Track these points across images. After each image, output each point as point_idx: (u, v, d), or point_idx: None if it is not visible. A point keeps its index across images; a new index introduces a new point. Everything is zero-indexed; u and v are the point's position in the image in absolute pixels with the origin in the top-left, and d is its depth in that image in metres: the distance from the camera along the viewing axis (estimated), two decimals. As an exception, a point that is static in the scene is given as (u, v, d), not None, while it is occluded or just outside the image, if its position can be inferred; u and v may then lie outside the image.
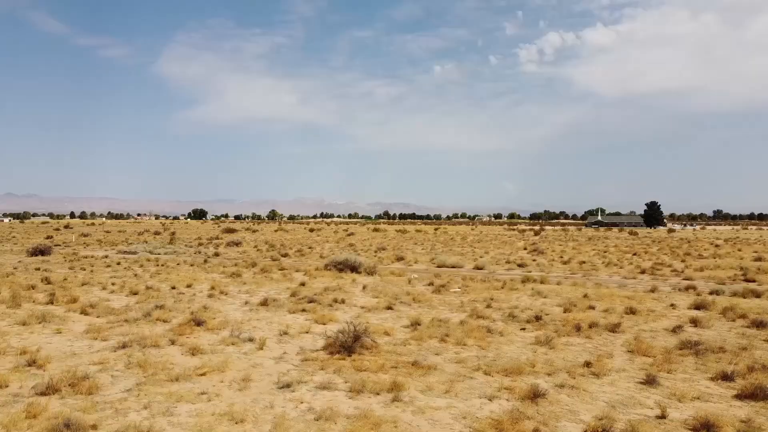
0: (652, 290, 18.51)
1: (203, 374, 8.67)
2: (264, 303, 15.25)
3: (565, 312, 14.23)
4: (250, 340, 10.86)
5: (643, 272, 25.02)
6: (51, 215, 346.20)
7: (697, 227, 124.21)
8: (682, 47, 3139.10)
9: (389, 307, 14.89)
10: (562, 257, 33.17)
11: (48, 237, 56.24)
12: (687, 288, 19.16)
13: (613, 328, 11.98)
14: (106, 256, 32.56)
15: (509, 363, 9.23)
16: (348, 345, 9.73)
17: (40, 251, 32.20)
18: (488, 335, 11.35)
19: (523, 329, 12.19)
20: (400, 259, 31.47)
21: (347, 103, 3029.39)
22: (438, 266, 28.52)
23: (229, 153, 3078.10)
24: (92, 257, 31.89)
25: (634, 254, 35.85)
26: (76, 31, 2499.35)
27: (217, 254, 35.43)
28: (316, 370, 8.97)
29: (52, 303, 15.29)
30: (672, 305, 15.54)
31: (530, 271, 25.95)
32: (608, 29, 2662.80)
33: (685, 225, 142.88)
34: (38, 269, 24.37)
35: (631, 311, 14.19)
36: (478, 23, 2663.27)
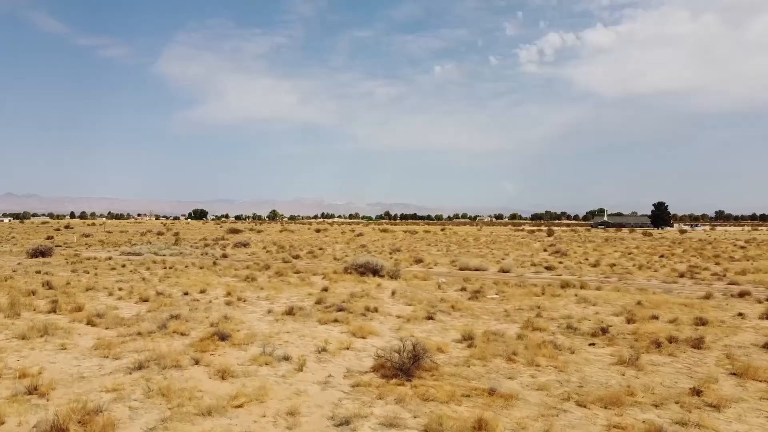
0: (707, 297, 17.03)
1: (240, 405, 7.18)
2: (290, 312, 13.75)
3: (628, 323, 12.75)
4: (286, 358, 9.38)
5: (681, 276, 23.54)
6: (51, 215, 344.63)
7: (706, 228, 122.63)
8: (682, 47, 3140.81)
9: (429, 317, 13.39)
10: (587, 259, 31.69)
11: (48, 237, 54.75)
12: (741, 294, 17.68)
13: (696, 344, 10.50)
14: (110, 258, 31.07)
15: (601, 390, 7.76)
16: (406, 367, 8.24)
17: (40, 252, 30.72)
18: (557, 352, 9.86)
19: (592, 344, 10.70)
20: (418, 261, 29.99)
21: (347, 103, 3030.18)
22: (460, 269, 27.05)
23: (228, 153, 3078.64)
24: (95, 259, 30.40)
25: (661, 256, 34.37)
26: (76, 31, 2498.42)
27: (225, 256, 33.94)
28: (373, 400, 7.49)
29: (54, 311, 13.81)
30: (740, 314, 14.06)
31: (560, 275, 24.50)
32: (608, 30, 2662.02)
33: (692, 225, 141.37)
34: (39, 272, 22.88)
35: (701, 322, 12.70)
36: (478, 23, 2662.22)
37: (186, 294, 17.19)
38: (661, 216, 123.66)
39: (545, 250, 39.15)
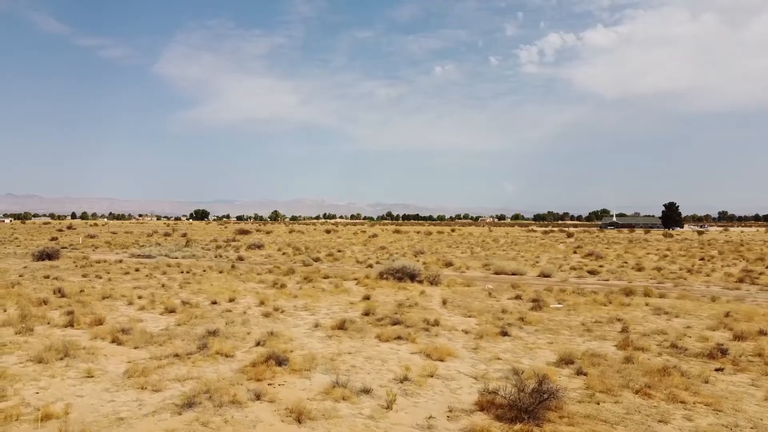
0: (794, 306, 15.30)
1: (336, 465, 5.47)
2: (341, 326, 12.02)
3: (737, 339, 11.03)
4: (366, 391, 7.66)
5: (740, 281, 21.80)
6: (52, 216, 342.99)
7: (719, 229, 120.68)
8: (682, 48, 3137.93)
9: (504, 333, 11.66)
10: (625, 263, 29.94)
11: (53, 239, 53.01)
12: (826, 303, 15.96)
13: None
14: (121, 261, 29.35)
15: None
16: (530, 408, 6.52)
17: (47, 255, 28.99)
18: (689, 382, 8.13)
19: (719, 369, 8.97)
20: (448, 264, 28.25)
21: (347, 104, 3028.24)
22: (496, 273, 25.34)
23: (228, 154, 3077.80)
24: (105, 262, 28.68)
25: (701, 259, 32.62)
26: (76, 31, 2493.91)
27: (241, 258, 32.22)
28: (504, 455, 5.78)
29: (72, 325, 12.09)
30: None
31: (607, 280, 22.82)
32: (609, 30, 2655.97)
33: (701, 226, 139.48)
34: (47, 277, 21.17)
35: (821, 339, 10.98)
36: (478, 24, 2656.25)
37: (214, 303, 15.48)
38: (672, 216, 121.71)
39: (575, 253, 37.40)
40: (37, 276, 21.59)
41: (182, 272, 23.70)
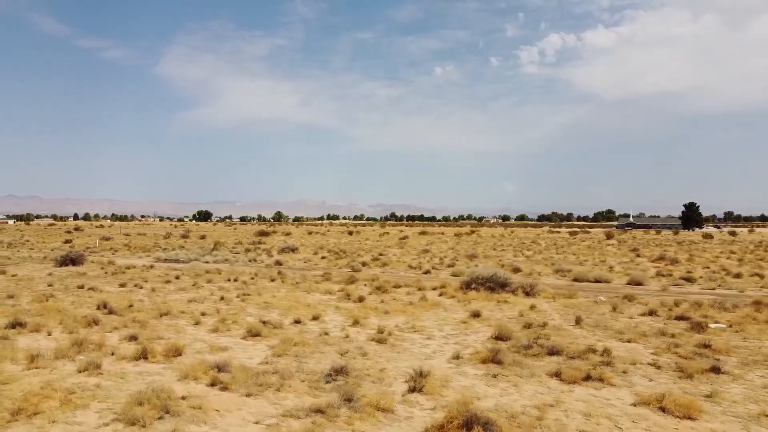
0: None
1: None
2: (492, 358, 9.31)
3: None
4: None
5: None
6: (54, 217, 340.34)
7: (742, 230, 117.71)
8: (682, 48, 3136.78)
9: (715, 369, 8.94)
10: (707, 267, 27.25)
11: (66, 241, 50.31)
12: None
13: None
14: (152, 266, 26.66)
15: None
16: None
17: (70, 260, 26.31)
18: None
19: None
20: (516, 270, 25.53)
21: (348, 105, 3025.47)
22: (575, 280, 22.66)
23: (229, 154, 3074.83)
24: (134, 267, 25.99)
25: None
26: (76, 32, 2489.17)
27: (279, 263, 29.53)
28: None
29: (145, 357, 9.39)
30: None
31: (713, 288, 20.13)
32: (609, 30, 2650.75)
33: (717, 227, 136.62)
34: (81, 287, 18.46)
35: None
36: (478, 25, 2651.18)
37: (298, 322, 12.80)
38: (692, 217, 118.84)
39: (638, 256, 34.68)
40: (69, 286, 18.89)
41: (228, 280, 21.01)
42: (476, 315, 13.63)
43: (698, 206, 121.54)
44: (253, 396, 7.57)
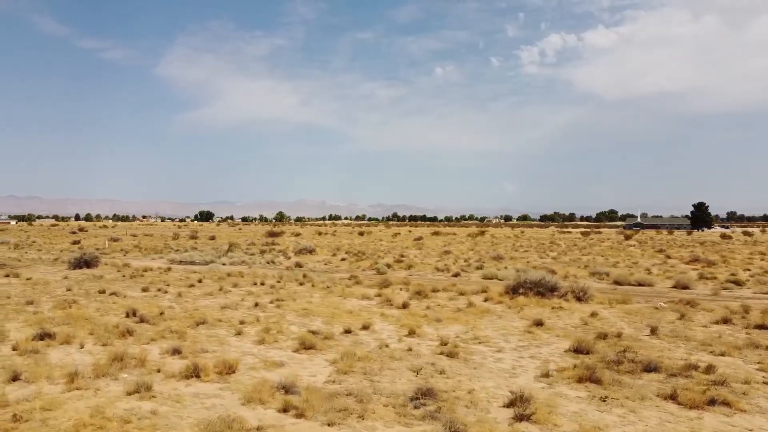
0: None
1: None
2: (590, 377, 8.27)
3: None
4: None
5: None
6: (56, 217, 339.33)
7: (755, 230, 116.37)
8: (682, 48, 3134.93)
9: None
10: (748, 269, 26.20)
11: (74, 242, 49.27)
12: None
13: None
14: (169, 269, 25.62)
15: None
16: None
17: (84, 262, 25.28)
18: None
19: None
20: (550, 273, 24.44)
21: (348, 105, 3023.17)
22: (616, 283, 21.63)
23: (229, 155, 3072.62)
24: (151, 270, 24.94)
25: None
26: (77, 32, 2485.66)
27: (299, 265, 28.48)
28: None
29: (197, 375, 8.36)
30: None
31: (766, 292, 19.07)
32: (609, 31, 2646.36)
33: (726, 227, 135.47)
34: (102, 292, 17.43)
35: None
36: (479, 25, 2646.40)
37: (348, 332, 11.77)
38: (701, 217, 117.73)
39: (668, 257, 33.61)
40: (90, 291, 17.85)
41: (255, 284, 19.98)
42: (538, 324, 12.59)
43: (707, 206, 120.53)
44: (335, 425, 6.54)
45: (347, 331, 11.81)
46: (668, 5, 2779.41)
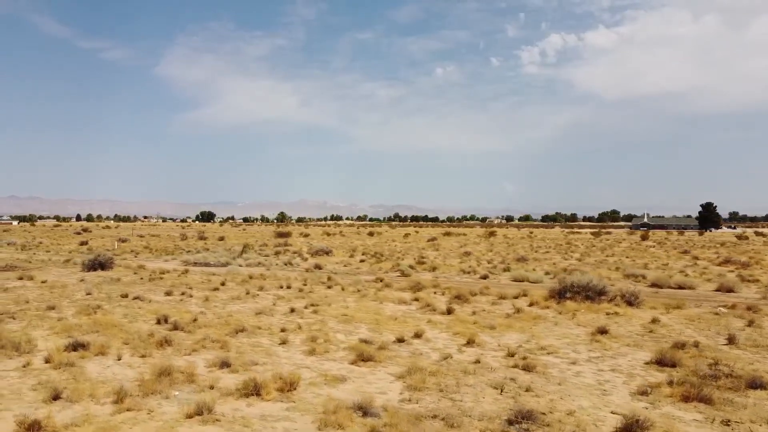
0: None
1: None
2: (700, 396, 7.43)
3: None
4: None
5: None
6: (57, 218, 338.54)
7: (762, 230, 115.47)
8: (683, 48, 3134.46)
9: None
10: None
11: (82, 243, 48.43)
12: None
13: None
14: (186, 271, 24.78)
15: None
16: None
17: (99, 264, 24.45)
18: None
19: None
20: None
21: (348, 105, 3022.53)
22: (653, 285, 20.80)
23: (229, 155, 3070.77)
24: (168, 272, 24.09)
25: None
26: (77, 33, 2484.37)
27: (318, 267, 27.63)
28: None
29: (257, 393, 7.51)
30: None
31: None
32: (610, 31, 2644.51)
33: (733, 227, 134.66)
34: (125, 296, 16.58)
35: None
36: (479, 25, 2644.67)
37: (401, 341, 10.92)
38: (709, 217, 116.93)
39: (696, 258, 32.74)
40: (111, 294, 17.00)
41: (281, 287, 19.15)
42: (602, 331, 11.73)
43: (715, 207, 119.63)
44: (436, 457, 5.68)
45: (400, 340, 10.96)
46: (668, 5, 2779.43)
